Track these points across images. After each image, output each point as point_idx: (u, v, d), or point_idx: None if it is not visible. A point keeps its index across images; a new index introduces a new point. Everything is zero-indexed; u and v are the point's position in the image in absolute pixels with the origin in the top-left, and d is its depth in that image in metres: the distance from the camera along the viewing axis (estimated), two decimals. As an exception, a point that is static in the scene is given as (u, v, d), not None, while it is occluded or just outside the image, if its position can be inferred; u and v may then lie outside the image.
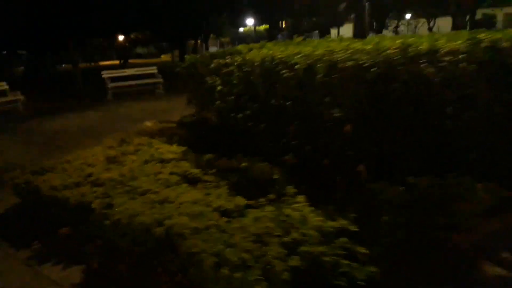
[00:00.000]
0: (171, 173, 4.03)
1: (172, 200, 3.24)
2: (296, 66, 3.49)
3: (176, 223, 2.79)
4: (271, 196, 3.14)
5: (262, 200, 3.12)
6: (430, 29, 32.21)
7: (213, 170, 4.10)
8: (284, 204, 3.04)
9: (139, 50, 50.15)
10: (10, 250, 3.61)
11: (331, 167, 3.80)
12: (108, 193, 3.56)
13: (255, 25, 30.01)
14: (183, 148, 4.95)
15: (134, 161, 4.49)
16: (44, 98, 14.71)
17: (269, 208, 2.96)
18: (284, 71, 3.67)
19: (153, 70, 14.81)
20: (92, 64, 30.67)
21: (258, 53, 4.02)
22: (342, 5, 18.94)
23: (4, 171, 5.84)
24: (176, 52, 39.08)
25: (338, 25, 32.06)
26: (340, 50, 3.49)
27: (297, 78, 3.55)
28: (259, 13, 29.87)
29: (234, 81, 4.24)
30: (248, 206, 3.13)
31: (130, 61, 34.38)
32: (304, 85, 3.53)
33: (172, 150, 4.87)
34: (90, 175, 4.10)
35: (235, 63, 4.33)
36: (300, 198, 2.99)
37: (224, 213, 3.02)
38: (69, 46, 16.71)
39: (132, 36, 34.12)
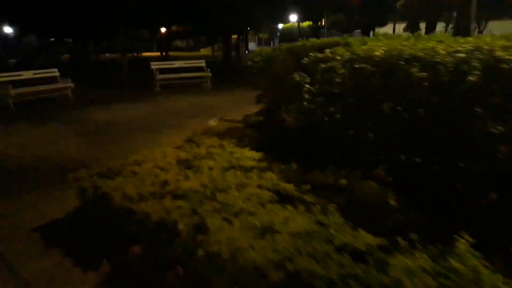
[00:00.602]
0: (260, 187, 3.33)
1: (278, 228, 2.53)
2: (439, 66, 2.70)
3: (303, 269, 2.07)
4: (413, 236, 2.38)
5: (402, 242, 2.35)
6: (480, 32, 30.43)
7: (307, 186, 3.36)
8: (434, 248, 2.27)
9: (178, 43, 50.17)
10: (75, 270, 2.99)
11: (453, 194, 3.02)
12: (196, 209, 2.89)
13: (298, 21, 29.08)
14: (260, 154, 4.25)
15: (211, 167, 3.82)
16: (92, 86, 14.39)
17: (419, 255, 2.19)
18: (414, 69, 2.89)
19: (202, 63, 14.24)
20: (135, 54, 30.53)
21: (377, 47, 3.25)
22: (400, 2, 17.78)
23: (62, 167, 5.35)
24: (217, 47, 38.71)
25: (381, 25, 30.67)
26: (495, 47, 2.68)
27: (436, 80, 2.77)
28: (302, 9, 28.93)
29: (336, 79, 3.48)
30: (380, 247, 2.37)
31: (170, 53, 34.14)
32: (445, 88, 2.74)
33: (249, 156, 4.18)
34: (166, 183, 3.45)
35: (340, 58, 3.56)
36: (462, 243, 2.21)
37: (354, 255, 2.28)
38: (120, 33, 16.29)
39: (173, 28, 33.91)
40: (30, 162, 5.67)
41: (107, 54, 33.95)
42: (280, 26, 40.73)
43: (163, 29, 32.53)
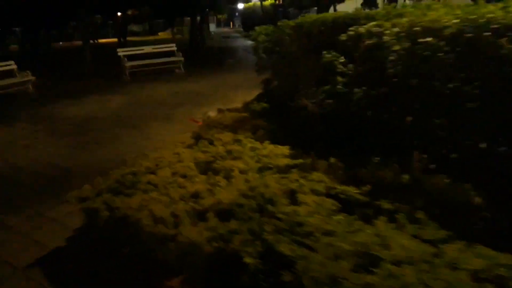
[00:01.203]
0: (314, 192, 2.76)
1: (380, 254, 1.97)
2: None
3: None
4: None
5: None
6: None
7: (367, 187, 2.83)
8: None
9: (134, 28, 47.86)
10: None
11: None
12: (255, 231, 2.27)
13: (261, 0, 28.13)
14: (288, 149, 3.68)
15: (243, 170, 3.20)
16: (53, 78, 13.11)
17: None
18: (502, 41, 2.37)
19: (172, 47, 13.31)
20: (95, 41, 28.66)
21: (444, 16, 2.69)
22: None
23: (47, 178, 4.53)
24: (176, 30, 37.11)
25: (339, 1, 30.03)
26: None
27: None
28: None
29: (391, 57, 2.92)
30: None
31: (128, 38, 32.33)
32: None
33: (279, 153, 3.59)
34: (197, 195, 2.81)
35: (390, 31, 2.99)
36: None
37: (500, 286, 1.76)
38: (81, 18, 14.92)
39: (129, 13, 32.15)
40: (7, 174, 4.79)
41: (60, 43, 31.73)
42: (241, 6, 39.58)
43: (119, 13, 30.75)
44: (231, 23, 52.36)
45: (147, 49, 13.03)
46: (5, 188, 4.38)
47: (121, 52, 12.43)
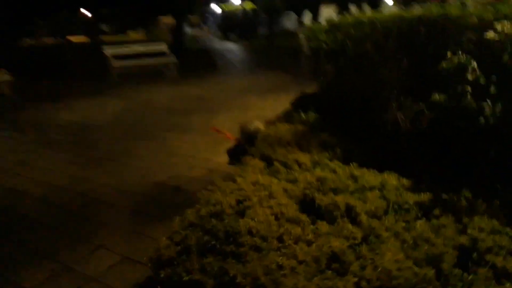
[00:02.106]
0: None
1: None
2: None
3: None
4: None
5: None
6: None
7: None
8: None
9: (103, 26, 45.76)
10: None
11: None
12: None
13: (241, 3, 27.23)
14: (394, 177, 2.86)
15: (369, 212, 2.33)
16: (32, 78, 11.61)
17: None
18: None
19: (163, 48, 12.18)
20: (61, 39, 26.75)
21: None
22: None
23: (64, 210, 3.42)
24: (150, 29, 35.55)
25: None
26: None
27: None
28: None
29: None
30: None
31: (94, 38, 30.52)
32: None
33: (390, 182, 2.75)
34: (336, 258, 1.91)
35: None
36: None
37: None
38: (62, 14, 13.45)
39: (99, 11, 30.51)
40: (8, 204, 3.67)
41: (27, 40, 29.53)
42: (215, 7, 38.56)
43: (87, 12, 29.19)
44: (203, 25, 51.06)
45: (137, 48, 11.84)
46: (10, 226, 3.27)
47: (108, 50, 11.19)
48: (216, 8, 39.89)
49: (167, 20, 40.32)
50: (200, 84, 10.15)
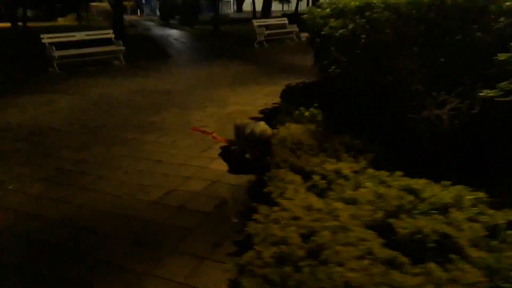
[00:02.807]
0: None
1: None
2: None
3: None
4: None
5: None
6: None
7: None
8: None
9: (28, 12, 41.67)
10: None
11: None
12: None
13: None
14: (457, 188, 2.50)
15: (471, 240, 1.91)
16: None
17: None
18: None
19: (109, 34, 11.05)
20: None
21: None
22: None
23: (51, 245, 2.60)
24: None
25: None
26: None
27: None
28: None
29: None
30: None
31: (20, 24, 27.56)
32: None
33: (467, 195, 2.37)
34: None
35: None
36: None
37: None
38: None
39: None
40: None
41: None
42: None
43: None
44: (138, 11, 48.37)
45: (80, 35, 10.57)
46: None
47: (47, 38, 9.85)
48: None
49: (99, 5, 37.54)
50: (158, 76, 9.26)
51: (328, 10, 4.02)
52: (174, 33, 21.07)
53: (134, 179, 3.71)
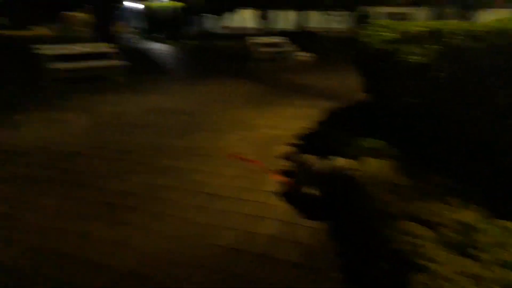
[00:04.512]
0: None
1: None
2: None
3: None
4: None
5: None
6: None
7: None
8: None
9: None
10: None
11: None
12: None
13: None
14: None
15: None
16: None
17: None
18: None
19: (108, 47, 10.48)
20: None
21: None
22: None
23: None
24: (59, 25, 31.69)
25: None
26: None
27: None
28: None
29: None
30: None
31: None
32: None
33: None
34: None
35: None
36: None
37: None
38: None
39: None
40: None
41: None
42: (128, 4, 35.71)
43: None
44: (121, 22, 47.14)
45: (79, 48, 9.98)
46: None
47: (43, 49, 9.21)
48: (131, 4, 37.04)
49: (77, 15, 36.31)
50: (163, 92, 8.82)
51: (395, 34, 3.79)
52: (161, 47, 20.56)
53: (192, 217, 3.32)
